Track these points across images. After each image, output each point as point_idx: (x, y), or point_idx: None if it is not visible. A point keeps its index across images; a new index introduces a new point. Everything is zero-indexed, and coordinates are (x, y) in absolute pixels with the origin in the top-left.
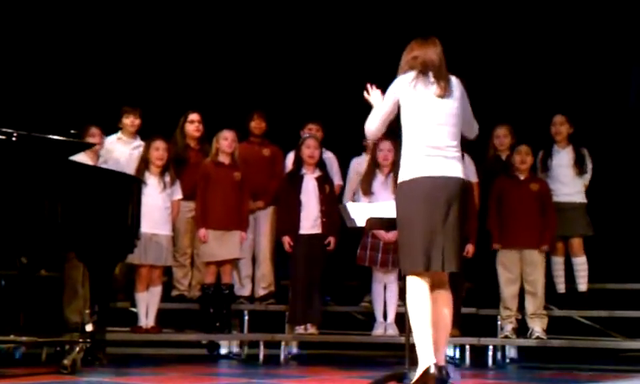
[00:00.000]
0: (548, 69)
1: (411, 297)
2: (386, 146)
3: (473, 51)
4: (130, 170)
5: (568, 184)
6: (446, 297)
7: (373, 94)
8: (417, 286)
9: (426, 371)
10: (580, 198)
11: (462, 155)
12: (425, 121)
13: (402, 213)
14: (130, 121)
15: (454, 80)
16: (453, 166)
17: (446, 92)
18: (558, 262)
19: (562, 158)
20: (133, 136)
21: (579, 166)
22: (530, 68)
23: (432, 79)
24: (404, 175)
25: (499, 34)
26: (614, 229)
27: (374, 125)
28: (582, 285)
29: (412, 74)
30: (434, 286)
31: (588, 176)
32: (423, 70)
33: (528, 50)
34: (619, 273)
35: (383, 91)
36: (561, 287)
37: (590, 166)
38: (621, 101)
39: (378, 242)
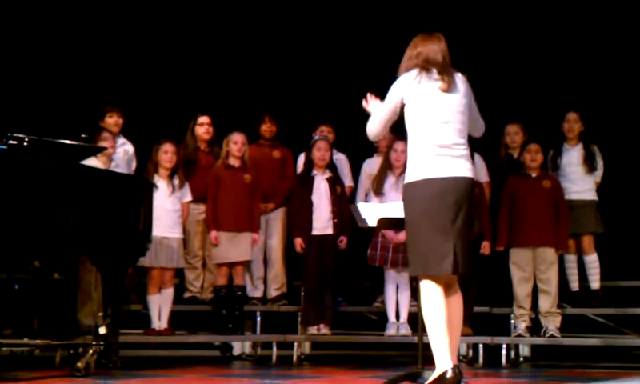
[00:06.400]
0: (559, 66)
1: (426, 301)
2: (400, 146)
3: (483, 48)
4: (119, 168)
5: (578, 182)
6: (457, 299)
7: (372, 104)
8: (431, 290)
9: (443, 375)
10: (590, 195)
11: (472, 153)
12: (430, 118)
13: (410, 214)
14: (114, 120)
15: (458, 76)
16: (461, 165)
17: (450, 87)
18: (571, 259)
19: (572, 156)
20: (117, 135)
21: (589, 164)
22: (540, 65)
23: (436, 75)
24: (412, 176)
25: (510, 31)
26: (627, 226)
27: (374, 127)
28: (595, 282)
29: (414, 71)
30: (445, 289)
31: (599, 173)
32: (426, 66)
33: (538, 47)
34: (632, 270)
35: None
36: (574, 285)
37: (600, 162)
38: (632, 98)
39: (388, 241)
